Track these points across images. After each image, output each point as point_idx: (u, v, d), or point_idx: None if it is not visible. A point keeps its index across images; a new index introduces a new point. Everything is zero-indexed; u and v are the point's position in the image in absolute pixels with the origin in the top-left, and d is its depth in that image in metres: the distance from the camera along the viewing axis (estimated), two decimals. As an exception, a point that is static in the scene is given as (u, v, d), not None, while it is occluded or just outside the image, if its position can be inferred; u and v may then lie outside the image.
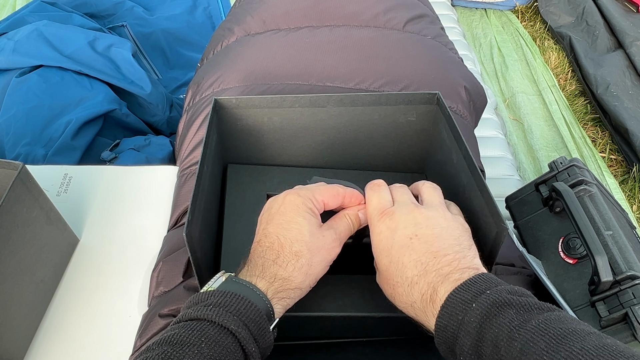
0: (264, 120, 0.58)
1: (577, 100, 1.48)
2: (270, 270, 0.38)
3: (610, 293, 0.54)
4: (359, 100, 0.56)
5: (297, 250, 0.39)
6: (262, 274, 0.38)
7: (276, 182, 0.60)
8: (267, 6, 0.93)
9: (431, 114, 0.58)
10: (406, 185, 0.45)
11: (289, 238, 0.39)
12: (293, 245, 0.39)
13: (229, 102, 0.56)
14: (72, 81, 0.98)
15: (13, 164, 0.50)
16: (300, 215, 0.40)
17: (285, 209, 0.41)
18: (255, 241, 0.41)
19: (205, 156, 0.50)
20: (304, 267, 0.39)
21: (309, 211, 0.41)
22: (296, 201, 0.41)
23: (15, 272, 0.51)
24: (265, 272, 0.38)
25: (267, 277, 0.38)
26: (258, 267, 0.39)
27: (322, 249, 0.40)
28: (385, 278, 0.40)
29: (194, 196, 0.44)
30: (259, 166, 0.62)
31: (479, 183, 0.45)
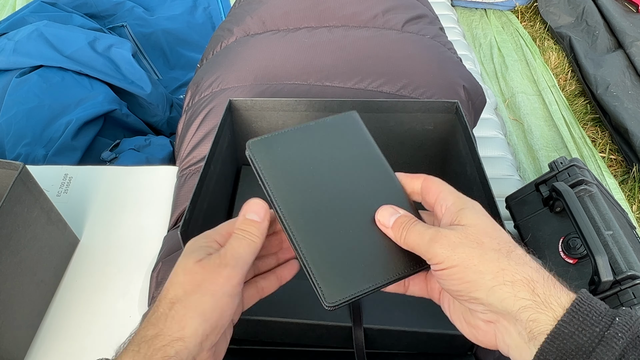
0: (278, 124, 0.57)
1: (577, 101, 1.48)
2: (139, 334, 0.32)
3: (611, 293, 0.54)
4: (374, 105, 0.55)
5: (171, 297, 0.32)
6: (130, 345, 0.32)
7: None
8: (267, 7, 0.94)
9: (449, 124, 0.57)
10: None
11: (167, 286, 0.33)
12: (168, 293, 0.33)
13: (243, 103, 0.56)
14: (73, 81, 0.98)
15: (13, 164, 0.50)
16: (183, 254, 0.34)
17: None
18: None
19: (213, 156, 0.49)
20: (178, 313, 0.31)
21: (198, 246, 0.34)
22: (188, 243, 0.36)
23: (16, 272, 0.51)
24: (132, 343, 0.32)
25: (131, 349, 0.31)
26: (133, 339, 0.32)
27: (202, 282, 0.32)
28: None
29: (194, 195, 0.44)
30: None
31: (489, 197, 0.45)
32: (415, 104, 0.55)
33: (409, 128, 0.57)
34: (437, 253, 0.31)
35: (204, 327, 0.32)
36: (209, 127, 0.74)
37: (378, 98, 0.73)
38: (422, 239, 0.32)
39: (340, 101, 0.55)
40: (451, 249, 0.30)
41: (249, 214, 0.35)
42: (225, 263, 0.33)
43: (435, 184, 0.36)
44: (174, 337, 0.31)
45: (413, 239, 0.33)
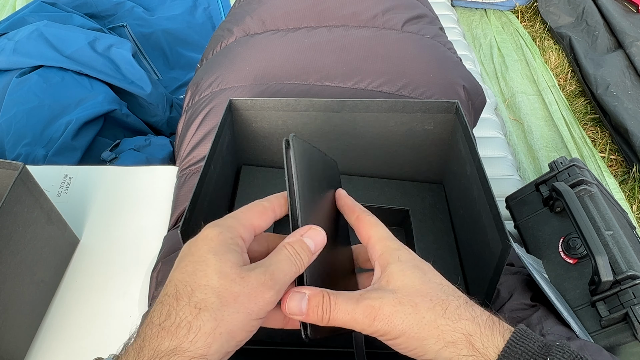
0: (278, 123, 0.57)
1: (577, 101, 1.48)
2: (150, 345, 0.27)
3: (611, 293, 0.54)
4: (374, 106, 0.55)
5: (198, 301, 0.27)
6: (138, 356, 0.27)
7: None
8: (267, 7, 0.94)
9: (449, 124, 0.57)
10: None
11: (189, 285, 0.28)
12: (193, 295, 0.28)
13: (243, 103, 0.56)
14: (73, 81, 0.98)
15: (14, 164, 0.50)
16: (212, 251, 0.29)
17: (195, 247, 0.30)
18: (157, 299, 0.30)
19: (213, 155, 0.49)
20: (206, 324, 0.27)
21: (228, 244, 0.30)
22: (210, 233, 0.30)
23: (16, 272, 0.51)
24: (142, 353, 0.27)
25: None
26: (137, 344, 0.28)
27: (239, 296, 0.28)
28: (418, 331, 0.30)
29: (194, 194, 0.44)
30: (273, 169, 0.62)
31: (489, 197, 0.45)
32: (415, 104, 0.55)
33: (409, 128, 0.57)
34: (378, 329, 0.30)
35: (229, 347, 0.28)
36: (209, 127, 0.74)
37: (378, 98, 0.73)
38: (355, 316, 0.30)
39: (340, 101, 0.55)
40: (389, 323, 0.30)
41: (307, 239, 0.32)
42: (272, 285, 0.29)
43: (365, 227, 0.34)
44: (197, 353, 0.26)
45: (341, 318, 0.30)
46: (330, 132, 0.58)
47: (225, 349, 0.28)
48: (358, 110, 0.56)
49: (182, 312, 0.27)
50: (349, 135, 0.58)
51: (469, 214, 0.50)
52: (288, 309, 0.31)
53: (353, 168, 0.62)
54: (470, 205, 0.50)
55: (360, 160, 0.61)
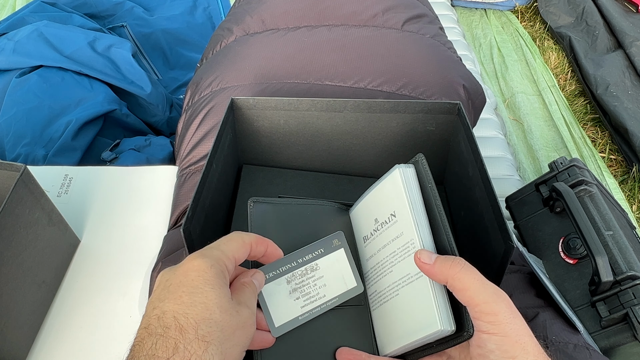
0: (280, 123, 0.57)
1: (577, 101, 1.48)
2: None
3: (611, 293, 0.54)
4: (376, 106, 0.55)
5: (204, 334, 0.28)
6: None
7: (290, 185, 0.60)
8: (266, 6, 0.94)
9: (451, 125, 0.57)
10: None
11: (192, 317, 0.28)
12: (199, 327, 0.28)
13: (245, 102, 0.56)
14: (72, 81, 0.97)
15: (15, 165, 0.50)
16: (209, 284, 0.30)
17: (188, 278, 0.30)
18: (142, 327, 0.29)
19: (215, 154, 0.49)
20: (214, 358, 0.28)
21: (220, 278, 0.31)
22: (203, 265, 0.31)
23: (17, 273, 0.51)
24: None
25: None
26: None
27: (236, 329, 0.30)
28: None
29: (196, 193, 0.44)
30: (274, 169, 0.62)
31: (491, 198, 0.45)
32: (417, 105, 0.55)
33: (411, 129, 0.57)
34: (500, 310, 0.31)
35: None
36: (209, 126, 0.74)
37: (378, 97, 0.73)
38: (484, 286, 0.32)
39: (342, 101, 0.55)
40: (511, 315, 0.31)
41: (255, 280, 0.36)
42: (253, 319, 0.33)
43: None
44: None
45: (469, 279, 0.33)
46: (332, 132, 0.58)
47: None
48: (360, 110, 0.56)
49: (190, 345, 0.27)
50: (350, 135, 0.58)
51: (470, 214, 0.50)
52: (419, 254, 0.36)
53: (354, 168, 0.62)
54: (472, 206, 0.50)
55: (363, 160, 0.61)
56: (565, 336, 0.48)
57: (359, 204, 0.46)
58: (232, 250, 0.33)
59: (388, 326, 0.40)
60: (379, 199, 0.43)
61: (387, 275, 0.41)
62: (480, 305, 0.32)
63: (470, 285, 0.33)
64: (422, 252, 0.36)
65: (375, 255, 0.43)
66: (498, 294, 0.32)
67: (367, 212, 0.44)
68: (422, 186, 0.41)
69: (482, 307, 0.32)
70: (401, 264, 0.39)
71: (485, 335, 0.32)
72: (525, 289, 0.55)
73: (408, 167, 0.42)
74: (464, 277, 0.33)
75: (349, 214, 0.47)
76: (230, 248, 0.33)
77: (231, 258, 0.33)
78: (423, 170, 0.42)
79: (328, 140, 0.59)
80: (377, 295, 0.42)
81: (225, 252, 0.33)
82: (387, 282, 0.40)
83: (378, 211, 0.43)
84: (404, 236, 0.39)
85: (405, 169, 0.42)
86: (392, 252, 0.40)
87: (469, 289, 0.32)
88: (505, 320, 0.31)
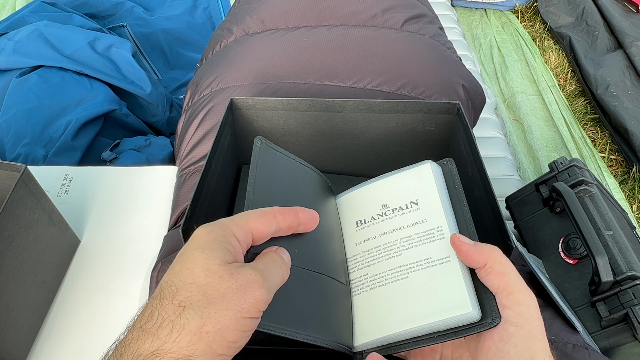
0: (279, 123, 0.57)
1: (577, 100, 1.48)
2: (130, 350, 0.26)
3: (611, 293, 0.54)
4: (376, 106, 0.55)
5: (182, 299, 0.26)
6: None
7: None
8: (266, 6, 0.94)
9: (450, 125, 0.57)
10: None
11: (174, 284, 0.27)
12: (178, 293, 0.26)
13: (244, 102, 0.56)
14: (72, 81, 0.97)
15: (15, 166, 0.50)
16: (199, 248, 0.28)
17: (185, 247, 0.29)
18: None
19: (215, 155, 0.49)
20: (190, 322, 0.25)
21: (218, 241, 0.29)
22: (200, 232, 0.30)
23: (18, 273, 0.51)
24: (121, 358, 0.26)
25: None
26: (117, 351, 0.27)
27: (227, 292, 0.26)
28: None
29: (195, 193, 0.44)
30: None
31: (491, 198, 0.45)
32: (416, 105, 0.55)
33: (411, 129, 0.57)
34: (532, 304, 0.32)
35: (218, 348, 0.26)
36: (209, 126, 0.74)
37: (377, 97, 0.73)
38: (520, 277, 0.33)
39: (342, 101, 0.55)
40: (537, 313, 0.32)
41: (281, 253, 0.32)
42: (262, 283, 0.28)
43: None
44: (180, 354, 0.25)
45: (508, 264, 0.33)
46: (331, 132, 0.58)
47: (214, 350, 0.26)
48: (359, 110, 0.56)
49: (164, 311, 0.26)
50: (350, 135, 0.58)
51: None
52: (458, 235, 0.35)
53: (354, 168, 0.62)
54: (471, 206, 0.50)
55: (361, 160, 0.61)
56: (565, 336, 0.48)
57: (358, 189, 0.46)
58: (248, 219, 0.31)
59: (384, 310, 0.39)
60: (395, 187, 0.44)
61: (392, 259, 0.40)
62: (515, 293, 0.32)
63: (509, 271, 0.32)
64: (460, 235, 0.36)
65: (374, 240, 0.42)
66: (530, 290, 0.33)
67: (371, 197, 0.44)
68: (449, 186, 0.43)
69: (516, 296, 0.31)
70: (418, 248, 0.39)
71: (513, 327, 0.31)
72: (525, 289, 0.55)
73: (437, 165, 0.44)
74: (504, 261, 0.33)
75: (336, 199, 0.47)
76: (243, 217, 0.31)
77: (243, 226, 0.30)
78: (452, 172, 0.44)
79: (327, 141, 0.59)
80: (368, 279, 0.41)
81: (236, 220, 0.31)
82: (390, 265, 0.40)
83: (391, 197, 0.43)
84: (428, 223, 0.40)
85: (435, 165, 0.44)
86: (406, 237, 0.40)
87: (508, 274, 0.32)
88: (535, 315, 0.31)
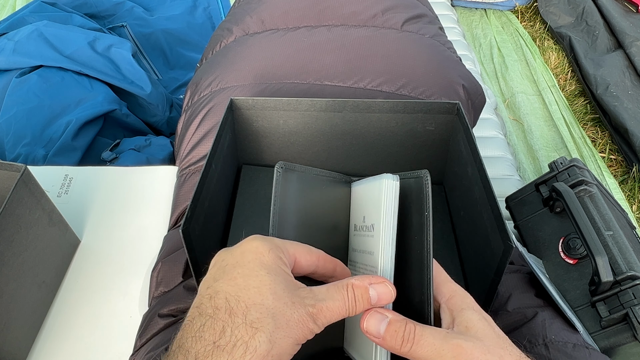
0: (279, 123, 0.58)
1: (577, 101, 1.48)
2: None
3: (611, 293, 0.54)
4: (376, 106, 0.55)
5: (253, 320, 0.27)
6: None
7: None
8: (266, 6, 0.94)
9: (450, 125, 0.57)
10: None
11: (243, 300, 0.27)
12: (249, 312, 0.27)
13: (244, 102, 0.56)
14: (72, 81, 0.97)
15: (15, 166, 0.50)
16: (265, 267, 0.29)
17: (244, 259, 0.29)
18: (194, 306, 0.29)
19: (215, 155, 0.49)
20: (262, 346, 0.26)
21: (278, 264, 0.29)
22: (260, 247, 0.30)
23: (18, 273, 0.51)
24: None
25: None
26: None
27: (290, 320, 0.27)
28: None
29: (195, 193, 0.44)
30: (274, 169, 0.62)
31: (490, 198, 0.45)
32: (416, 105, 0.55)
33: (411, 129, 0.57)
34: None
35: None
36: (209, 126, 0.74)
37: (377, 97, 0.73)
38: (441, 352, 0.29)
39: (342, 101, 0.55)
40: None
41: (373, 290, 0.31)
42: (317, 318, 0.28)
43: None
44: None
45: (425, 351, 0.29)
46: (331, 132, 0.58)
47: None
48: (359, 110, 0.56)
49: (237, 330, 0.26)
50: (350, 135, 0.58)
51: (469, 214, 0.50)
52: (366, 327, 0.30)
53: (354, 168, 0.62)
54: (471, 206, 0.50)
55: (361, 160, 0.61)
56: (565, 336, 0.48)
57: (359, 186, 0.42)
58: (295, 248, 0.31)
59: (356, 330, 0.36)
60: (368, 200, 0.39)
61: None
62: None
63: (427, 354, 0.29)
64: (371, 317, 0.30)
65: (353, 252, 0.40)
66: (459, 351, 0.29)
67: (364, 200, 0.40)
68: (417, 210, 0.36)
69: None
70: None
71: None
72: (524, 288, 0.55)
73: (394, 182, 0.35)
74: (418, 352, 0.29)
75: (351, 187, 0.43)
76: (293, 246, 0.31)
77: (291, 254, 0.31)
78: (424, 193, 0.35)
79: (327, 141, 0.59)
80: None
81: (286, 244, 0.31)
82: None
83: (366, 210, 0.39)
84: (374, 256, 0.35)
85: (391, 183, 0.35)
86: (363, 265, 0.37)
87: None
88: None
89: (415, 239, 0.35)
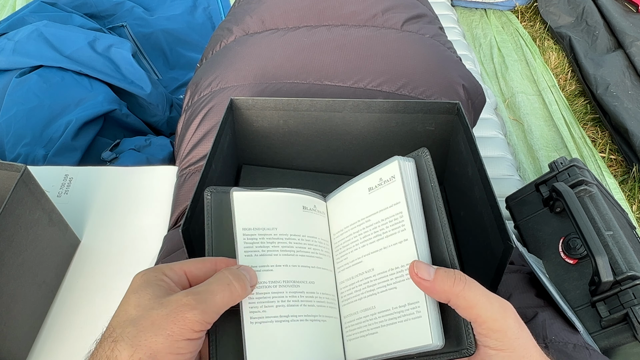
0: (279, 123, 0.57)
1: (577, 101, 1.48)
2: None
3: (611, 293, 0.54)
4: (376, 106, 0.55)
5: (116, 336, 0.28)
6: None
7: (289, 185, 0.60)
8: (266, 6, 0.94)
9: (450, 125, 0.57)
10: None
11: (111, 325, 0.30)
12: (113, 332, 0.29)
13: (244, 102, 0.56)
14: (72, 81, 0.97)
15: (15, 166, 0.50)
16: (134, 291, 0.30)
17: (125, 294, 0.32)
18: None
19: (215, 155, 0.49)
20: (122, 353, 0.28)
21: (149, 282, 0.31)
22: (135, 278, 0.32)
23: (18, 273, 0.51)
24: None
25: None
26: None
27: (156, 319, 0.28)
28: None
29: (195, 193, 0.44)
30: (274, 169, 0.62)
31: (491, 198, 0.45)
32: (416, 105, 0.55)
33: (411, 129, 0.57)
34: (508, 326, 0.30)
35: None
36: (209, 126, 0.74)
37: (377, 97, 0.73)
38: (491, 301, 0.30)
39: (342, 101, 0.55)
40: (518, 329, 0.30)
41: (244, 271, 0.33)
42: (194, 305, 0.29)
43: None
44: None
45: (475, 297, 0.30)
46: (331, 132, 0.58)
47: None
48: (359, 110, 0.56)
49: (102, 350, 0.28)
50: (350, 135, 0.58)
51: (470, 214, 0.50)
52: (416, 270, 0.32)
53: (354, 168, 0.62)
54: (472, 206, 0.50)
55: (362, 160, 0.61)
56: (565, 336, 0.48)
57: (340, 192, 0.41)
58: (183, 263, 0.33)
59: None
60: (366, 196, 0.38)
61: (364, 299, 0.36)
62: (487, 323, 0.30)
63: (476, 302, 0.30)
64: (419, 265, 0.32)
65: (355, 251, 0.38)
66: (504, 308, 0.31)
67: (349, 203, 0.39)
68: (423, 184, 0.37)
69: (490, 324, 0.30)
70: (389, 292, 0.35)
71: (493, 351, 0.31)
72: (524, 288, 0.55)
73: (408, 160, 0.38)
74: (468, 294, 0.30)
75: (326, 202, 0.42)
76: (181, 263, 0.33)
77: (176, 269, 0.33)
78: (426, 167, 0.37)
79: (327, 141, 0.59)
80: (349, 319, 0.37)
81: (171, 264, 0.33)
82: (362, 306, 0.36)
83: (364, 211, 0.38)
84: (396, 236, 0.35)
85: (404, 162, 0.37)
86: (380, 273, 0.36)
87: (475, 307, 0.30)
88: (514, 336, 0.30)
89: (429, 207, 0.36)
